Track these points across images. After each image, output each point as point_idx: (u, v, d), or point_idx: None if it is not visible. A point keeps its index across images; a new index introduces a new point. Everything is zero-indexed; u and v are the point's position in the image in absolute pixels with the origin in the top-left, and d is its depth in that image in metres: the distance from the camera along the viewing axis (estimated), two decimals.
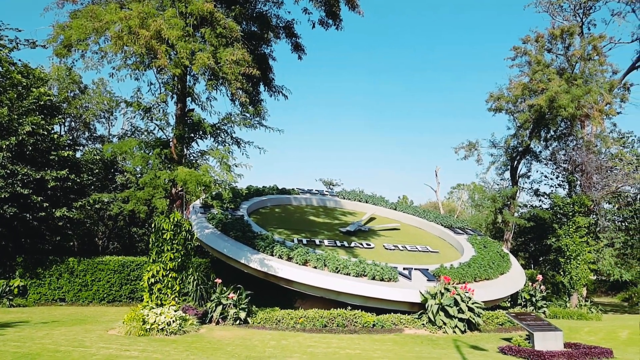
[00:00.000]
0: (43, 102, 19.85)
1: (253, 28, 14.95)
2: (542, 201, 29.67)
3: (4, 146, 17.92)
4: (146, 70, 13.09)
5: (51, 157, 19.63)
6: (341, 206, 24.96)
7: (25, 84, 19.44)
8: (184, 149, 13.76)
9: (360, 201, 25.44)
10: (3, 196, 17.62)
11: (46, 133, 19.63)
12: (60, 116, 22.37)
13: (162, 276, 12.53)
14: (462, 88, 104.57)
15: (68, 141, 22.54)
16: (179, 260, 12.67)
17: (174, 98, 13.84)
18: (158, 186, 12.50)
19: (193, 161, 14.07)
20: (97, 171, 23.22)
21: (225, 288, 14.15)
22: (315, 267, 14.95)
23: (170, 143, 13.63)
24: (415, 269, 15.94)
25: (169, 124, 13.79)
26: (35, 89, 19.55)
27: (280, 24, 15.51)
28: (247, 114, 14.12)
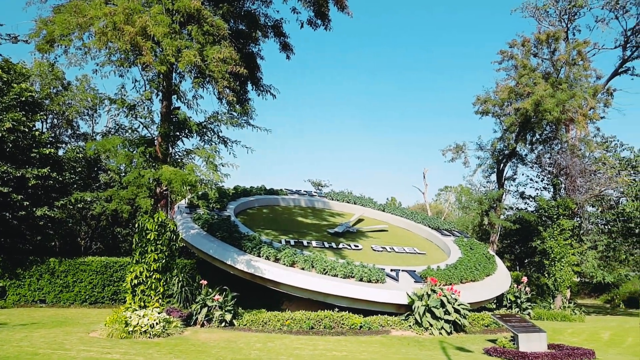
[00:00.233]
0: (24, 98, 19.40)
1: (241, 26, 14.80)
2: (528, 204, 29.97)
3: None
4: (131, 67, 12.85)
5: (32, 155, 19.20)
6: (329, 207, 24.88)
7: (6, 80, 18.98)
8: (169, 148, 13.53)
9: (348, 202, 25.39)
10: None
11: (27, 130, 19.20)
12: (42, 113, 21.91)
13: (146, 277, 12.30)
14: (451, 89, 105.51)
15: (50, 138, 22.09)
16: (163, 261, 12.45)
17: (159, 96, 13.62)
18: (142, 185, 12.26)
19: (178, 160, 13.86)
20: (80, 169, 22.78)
21: (210, 290, 13.95)
22: (302, 269, 14.84)
23: (155, 141, 13.39)
24: (402, 271, 15.93)
25: (154, 122, 13.56)
26: (16, 85, 19.10)
27: (268, 23, 15.38)
28: (234, 113, 13.95)
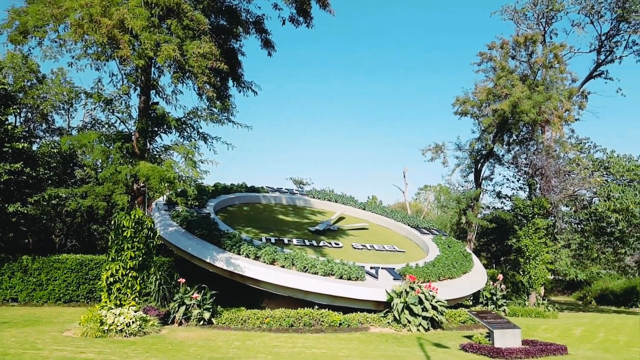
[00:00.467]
0: None
1: (222, 22, 14.66)
2: (504, 203, 30.52)
3: None
4: (108, 60, 12.61)
5: (4, 149, 18.66)
6: (311, 205, 24.87)
7: None
8: (147, 144, 13.32)
9: (329, 201, 25.43)
10: None
11: None
12: (15, 106, 21.29)
13: (122, 275, 12.07)
14: (431, 90, 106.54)
15: (23, 133, 21.51)
16: (140, 259, 12.24)
17: (137, 90, 13.39)
18: (119, 181, 12.04)
19: (156, 156, 13.64)
20: (55, 165, 22.24)
21: (189, 288, 13.80)
22: (283, 267, 14.79)
23: (132, 137, 13.16)
24: (382, 268, 16.03)
25: (132, 117, 13.35)
26: None
27: (250, 19, 15.27)
28: (215, 109, 13.80)
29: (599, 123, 46.52)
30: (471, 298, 19.16)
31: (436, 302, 14.15)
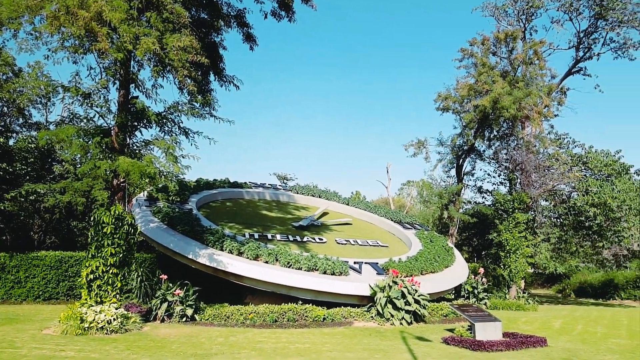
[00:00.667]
0: None
1: (203, 15, 14.43)
2: (485, 198, 30.91)
3: None
4: (86, 53, 12.29)
5: None
6: (294, 201, 24.82)
7: None
8: (127, 138, 13.08)
9: (313, 196, 25.40)
10: None
11: None
12: None
13: (102, 272, 11.90)
14: (414, 86, 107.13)
15: (0, 127, 20.98)
16: (121, 255, 12.07)
17: (116, 84, 13.12)
18: (98, 177, 11.82)
19: (136, 151, 13.41)
20: (32, 160, 21.75)
21: (171, 284, 13.65)
22: (266, 262, 14.74)
23: (111, 131, 12.90)
24: (365, 263, 16.10)
25: (111, 112, 13.06)
26: None
27: (231, 13, 15.08)
28: (196, 103, 13.61)
29: (578, 119, 47.43)
30: (453, 292, 19.40)
31: (419, 296, 14.29)
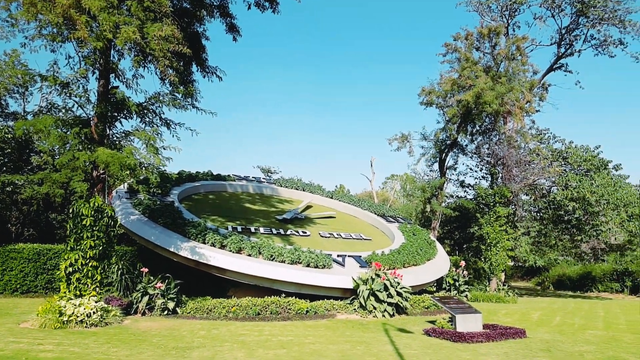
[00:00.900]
0: None
1: (185, 4, 14.18)
2: (467, 192, 31.25)
3: None
4: (64, 42, 11.97)
5: None
6: (278, 194, 24.73)
7: None
8: (107, 129, 12.82)
9: (297, 189, 25.33)
10: None
11: None
12: None
13: (82, 265, 11.68)
14: (398, 80, 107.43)
15: None
16: (100, 248, 11.87)
17: (96, 74, 12.82)
18: (77, 168, 11.56)
19: (116, 142, 13.17)
20: (10, 151, 21.21)
21: (152, 278, 13.49)
22: (249, 255, 14.67)
23: (90, 122, 12.64)
24: (348, 256, 16.15)
25: (90, 102, 12.78)
26: None
27: (214, 2, 14.85)
28: (177, 94, 13.40)
29: (559, 115, 48.23)
30: (435, 284, 19.61)
31: (401, 289, 14.40)
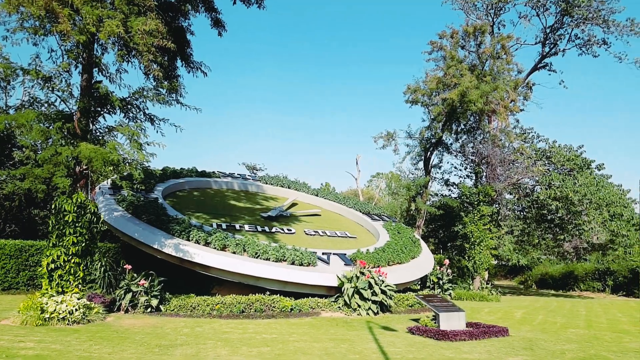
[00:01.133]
0: None
1: None
2: (452, 190, 31.53)
3: None
4: (47, 35, 11.74)
5: None
6: (263, 191, 24.67)
7: None
8: (90, 124, 12.62)
9: (282, 186, 25.30)
10: None
11: None
12: None
13: (64, 261, 11.53)
14: (384, 78, 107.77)
15: None
16: (83, 244, 11.72)
17: (79, 68, 12.61)
18: (59, 163, 11.37)
19: (100, 137, 12.97)
20: None
21: (136, 275, 13.37)
22: (234, 252, 14.62)
23: (73, 117, 12.43)
24: (333, 254, 16.19)
25: (73, 96, 12.56)
26: None
27: None
28: (162, 89, 13.25)
29: (543, 114, 48.86)
30: (419, 282, 19.76)
31: (385, 287, 14.48)
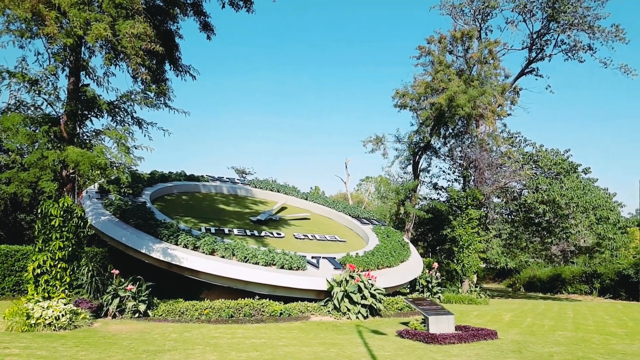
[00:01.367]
0: None
1: (158, 2, 13.95)
2: (440, 194, 31.64)
3: None
4: (33, 38, 11.63)
5: None
6: (252, 195, 24.60)
7: None
8: (76, 127, 12.51)
9: (272, 190, 25.26)
10: None
11: None
12: None
13: (50, 267, 11.39)
14: (373, 82, 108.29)
15: None
16: (70, 249, 11.59)
17: (66, 71, 12.51)
18: (46, 167, 11.24)
19: (87, 141, 12.85)
20: None
21: (123, 279, 13.23)
22: (223, 257, 14.53)
23: (60, 120, 12.31)
24: (323, 258, 16.18)
25: (60, 99, 12.43)
26: None
27: (187, 1, 14.66)
28: (150, 93, 13.18)
29: (530, 118, 49.43)
30: (408, 286, 19.83)
31: (375, 290, 14.49)
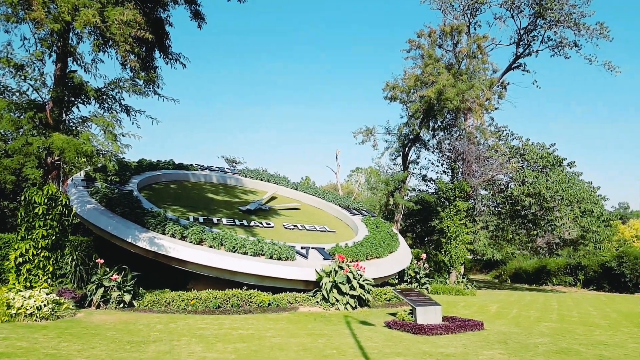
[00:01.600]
0: None
1: None
2: (429, 186, 31.87)
3: None
4: (20, 22, 11.31)
5: None
6: (242, 184, 24.45)
7: None
8: (63, 114, 12.25)
9: (262, 180, 25.12)
10: None
11: None
12: None
13: (33, 255, 11.16)
14: (365, 75, 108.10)
15: None
16: (53, 237, 11.37)
17: (53, 57, 12.22)
18: (30, 154, 11.01)
19: (73, 128, 12.60)
20: None
21: (108, 269, 13.06)
22: (211, 247, 14.42)
23: (46, 106, 12.04)
24: (312, 248, 16.16)
25: (46, 85, 12.15)
26: None
27: None
28: (138, 80, 12.95)
29: (516, 112, 49.83)
30: (397, 276, 19.94)
31: (363, 281, 14.53)
